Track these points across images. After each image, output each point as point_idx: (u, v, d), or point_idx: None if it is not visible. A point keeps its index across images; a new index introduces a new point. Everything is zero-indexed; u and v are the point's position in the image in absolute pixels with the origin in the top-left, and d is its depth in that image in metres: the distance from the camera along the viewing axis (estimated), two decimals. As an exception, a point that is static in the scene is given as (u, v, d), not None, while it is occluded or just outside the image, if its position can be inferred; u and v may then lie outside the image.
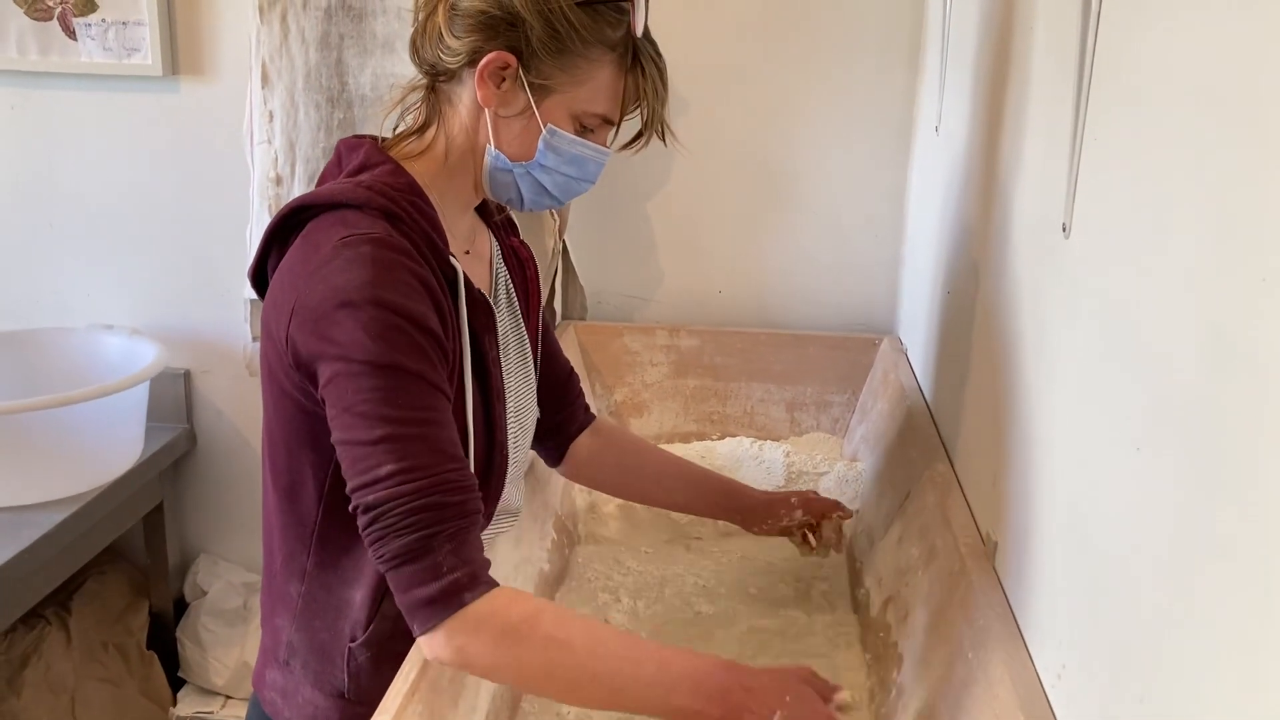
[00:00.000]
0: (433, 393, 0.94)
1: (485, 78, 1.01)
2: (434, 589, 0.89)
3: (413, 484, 0.90)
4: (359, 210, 0.98)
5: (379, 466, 0.90)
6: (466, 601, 0.90)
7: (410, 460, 0.90)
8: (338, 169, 1.07)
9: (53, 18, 1.98)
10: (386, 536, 0.90)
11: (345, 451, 0.92)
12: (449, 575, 0.90)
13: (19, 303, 2.15)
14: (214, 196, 2.05)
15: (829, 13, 1.86)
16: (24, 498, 1.79)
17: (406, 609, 0.91)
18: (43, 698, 1.98)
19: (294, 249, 0.99)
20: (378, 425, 0.90)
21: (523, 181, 1.06)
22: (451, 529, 0.91)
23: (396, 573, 0.90)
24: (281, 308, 0.97)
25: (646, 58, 1.04)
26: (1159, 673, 0.70)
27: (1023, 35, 1.13)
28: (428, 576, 0.89)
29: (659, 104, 1.06)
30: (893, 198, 1.92)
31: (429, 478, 0.90)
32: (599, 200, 1.96)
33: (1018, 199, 1.12)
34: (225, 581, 2.21)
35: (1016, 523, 1.05)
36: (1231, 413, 0.62)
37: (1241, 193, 0.61)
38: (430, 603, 0.89)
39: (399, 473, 0.90)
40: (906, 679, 1.12)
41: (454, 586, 0.90)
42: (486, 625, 0.90)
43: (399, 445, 0.90)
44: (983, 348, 1.24)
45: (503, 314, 1.15)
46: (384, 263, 0.94)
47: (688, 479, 1.40)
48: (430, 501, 0.90)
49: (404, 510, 0.89)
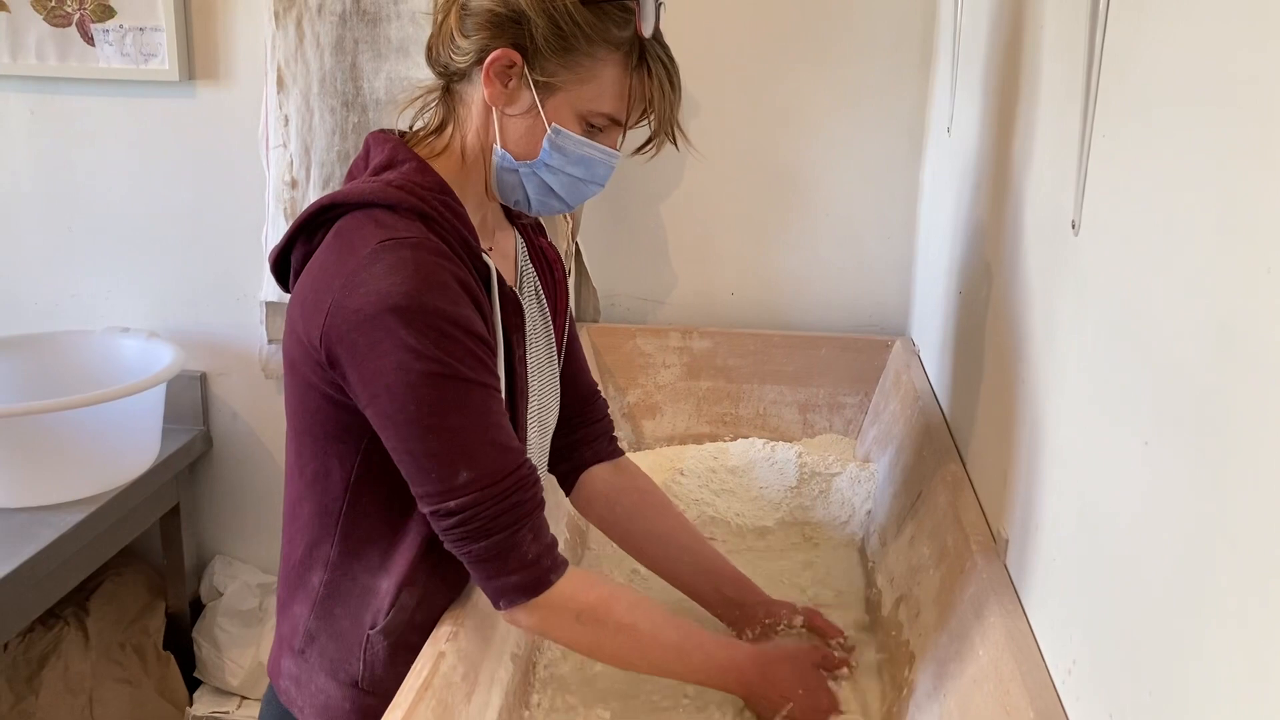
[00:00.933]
0: (490, 395, 0.98)
1: (491, 76, 1.01)
2: (523, 577, 1.00)
3: (492, 488, 0.97)
4: (392, 211, 0.98)
5: (454, 475, 0.96)
6: (551, 583, 1.01)
7: (484, 465, 0.97)
8: (364, 163, 1.08)
9: (71, 24, 2.00)
10: (473, 536, 0.97)
11: (413, 460, 0.97)
12: (535, 562, 1.00)
13: (38, 305, 2.17)
14: (230, 200, 2.07)
15: (841, 15, 1.87)
16: (42, 498, 1.80)
17: (496, 591, 1.01)
18: (61, 697, 2.00)
19: (326, 247, 1.00)
20: (446, 435, 0.95)
21: (528, 182, 1.06)
22: (532, 518, 1.00)
23: (486, 564, 0.99)
24: (315, 306, 0.97)
25: (654, 59, 1.04)
26: (1169, 668, 0.70)
27: (1032, 36, 1.14)
28: (516, 565, 0.99)
29: (667, 106, 1.06)
30: (905, 199, 1.93)
31: (505, 479, 0.97)
32: (612, 203, 1.97)
33: (1028, 198, 1.12)
34: (241, 582, 2.22)
35: (1027, 520, 1.05)
36: (1240, 408, 0.62)
37: (1249, 189, 0.62)
38: (521, 589, 1.00)
39: (477, 479, 0.96)
40: (918, 677, 1.13)
41: (540, 571, 1.01)
42: (568, 606, 1.03)
43: (470, 452, 0.96)
44: (994, 347, 1.25)
45: (530, 310, 1.16)
46: (426, 267, 0.95)
47: (696, 556, 1.30)
48: (510, 502, 0.98)
49: (489, 514, 0.97)
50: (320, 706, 1.10)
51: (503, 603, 1.02)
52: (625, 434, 1.90)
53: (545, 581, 1.01)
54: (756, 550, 1.56)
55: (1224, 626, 0.63)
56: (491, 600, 1.02)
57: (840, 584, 1.47)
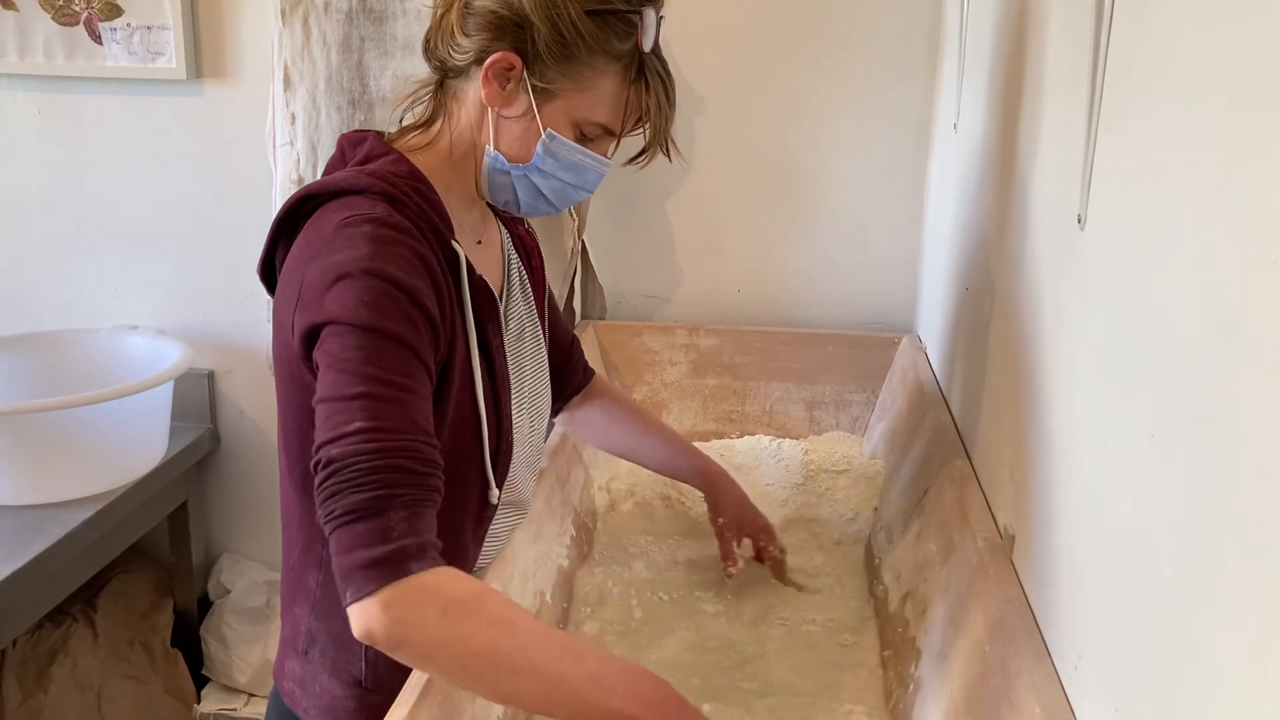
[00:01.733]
0: (417, 364, 0.93)
1: (490, 77, 1.02)
2: (379, 551, 0.84)
3: (379, 443, 0.86)
4: (361, 195, 0.99)
5: (349, 423, 0.87)
6: (412, 570, 0.84)
7: (382, 421, 0.87)
8: (341, 162, 1.08)
9: (79, 23, 2.01)
10: (342, 491, 0.85)
11: (321, 409, 0.89)
12: (398, 540, 0.85)
13: (46, 303, 2.18)
14: (237, 198, 2.07)
15: (847, 12, 1.87)
16: (50, 496, 1.81)
17: (344, 571, 0.85)
18: (69, 694, 2.01)
19: (299, 239, 1.01)
20: (357, 383, 0.88)
21: (519, 184, 1.07)
22: (408, 497, 0.87)
23: (343, 530, 0.85)
24: (289, 296, 0.98)
25: (653, 72, 1.05)
26: (1175, 663, 0.70)
27: (1038, 31, 1.13)
28: (375, 538, 0.84)
29: (662, 120, 1.07)
30: (912, 196, 1.92)
31: (397, 441, 0.87)
32: (618, 200, 1.98)
33: (1034, 193, 1.12)
34: (248, 580, 2.23)
35: (1033, 516, 1.05)
36: (1246, 401, 0.62)
37: (1255, 183, 0.61)
38: (373, 565, 0.84)
39: (368, 430, 0.86)
40: (924, 673, 1.12)
41: (401, 553, 0.84)
42: (431, 597, 0.85)
43: (374, 404, 0.88)
44: (1000, 343, 1.24)
45: (517, 302, 1.16)
46: (381, 239, 0.94)
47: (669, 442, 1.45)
48: (393, 463, 0.86)
49: (365, 467, 0.85)
50: (325, 707, 1.10)
51: (351, 590, 0.84)
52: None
53: (404, 567, 0.84)
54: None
55: (1231, 620, 0.62)
56: (341, 589, 0.86)
57: (846, 581, 1.47)
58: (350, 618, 0.85)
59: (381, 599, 0.83)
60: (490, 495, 1.07)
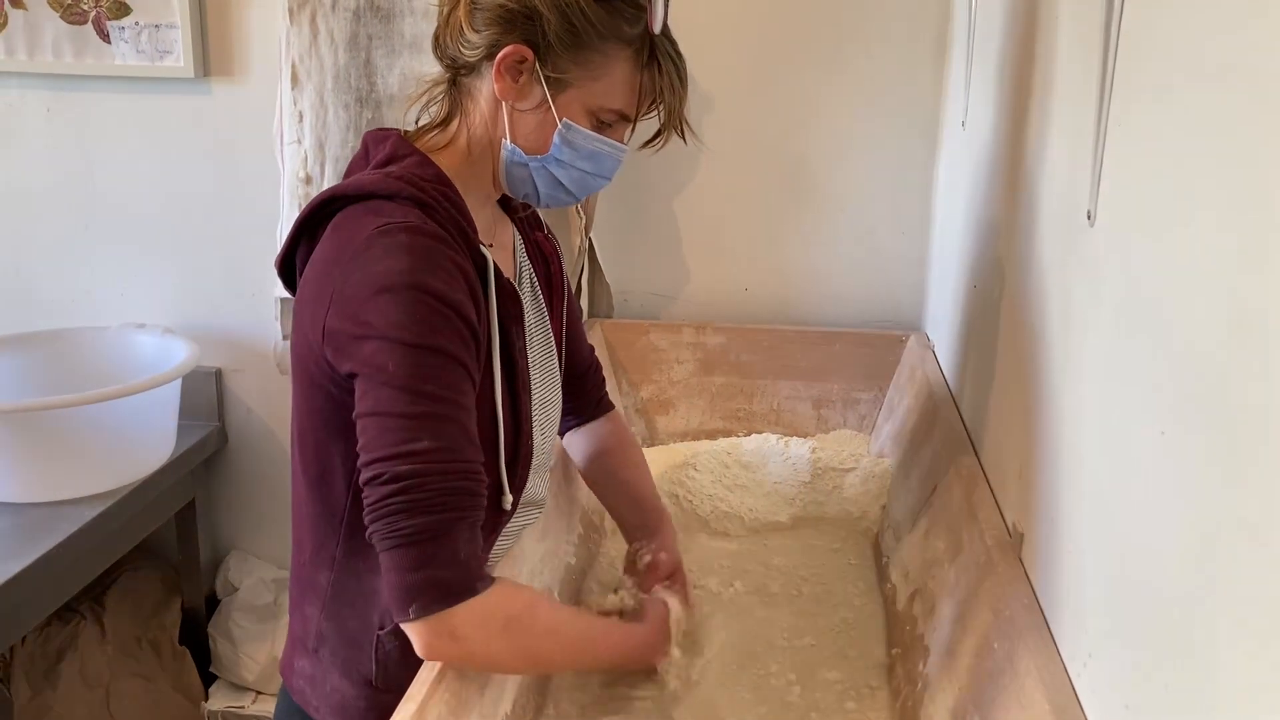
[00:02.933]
0: (467, 380, 0.95)
1: (502, 71, 1.02)
2: (450, 573, 0.89)
3: (450, 464, 0.90)
4: (390, 200, 0.98)
5: (416, 440, 0.89)
6: (478, 591, 0.91)
7: (448, 441, 0.90)
8: (364, 161, 1.08)
9: (87, 21, 2.01)
10: (412, 509, 0.88)
11: (376, 422, 0.91)
12: (466, 562, 0.90)
13: (54, 302, 2.19)
14: (245, 196, 2.07)
15: (855, 9, 1.86)
16: (58, 493, 1.81)
17: (410, 588, 0.89)
18: (78, 691, 2.01)
19: (326, 240, 1.00)
20: (418, 401, 0.90)
21: (538, 176, 1.07)
22: (474, 518, 0.91)
23: (411, 548, 0.88)
24: (318, 300, 0.97)
25: (664, 54, 1.04)
26: (1185, 660, 0.69)
27: (1047, 25, 1.13)
28: (447, 558, 0.89)
29: (676, 101, 1.07)
30: (920, 194, 1.92)
31: (463, 462, 0.91)
32: (625, 198, 1.97)
33: (1044, 189, 1.12)
34: (256, 578, 2.23)
35: (1042, 513, 1.04)
36: (1257, 396, 0.61)
37: (1266, 178, 0.61)
38: (443, 585, 0.89)
39: (438, 450, 0.89)
40: (933, 671, 1.12)
41: (469, 575, 0.90)
42: (495, 616, 0.93)
43: (438, 424, 0.90)
44: (1008, 340, 1.24)
45: (528, 306, 1.16)
46: (421, 249, 0.94)
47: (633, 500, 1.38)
48: (464, 486, 0.90)
49: (436, 489, 0.89)
50: (336, 705, 1.10)
51: (417, 607, 0.89)
52: (639, 430, 1.90)
53: (472, 588, 0.90)
54: (770, 546, 1.56)
55: (1242, 619, 0.62)
56: (400, 603, 0.90)
57: (854, 580, 1.47)
58: (414, 633, 0.91)
59: (453, 620, 0.90)
60: (504, 501, 1.07)
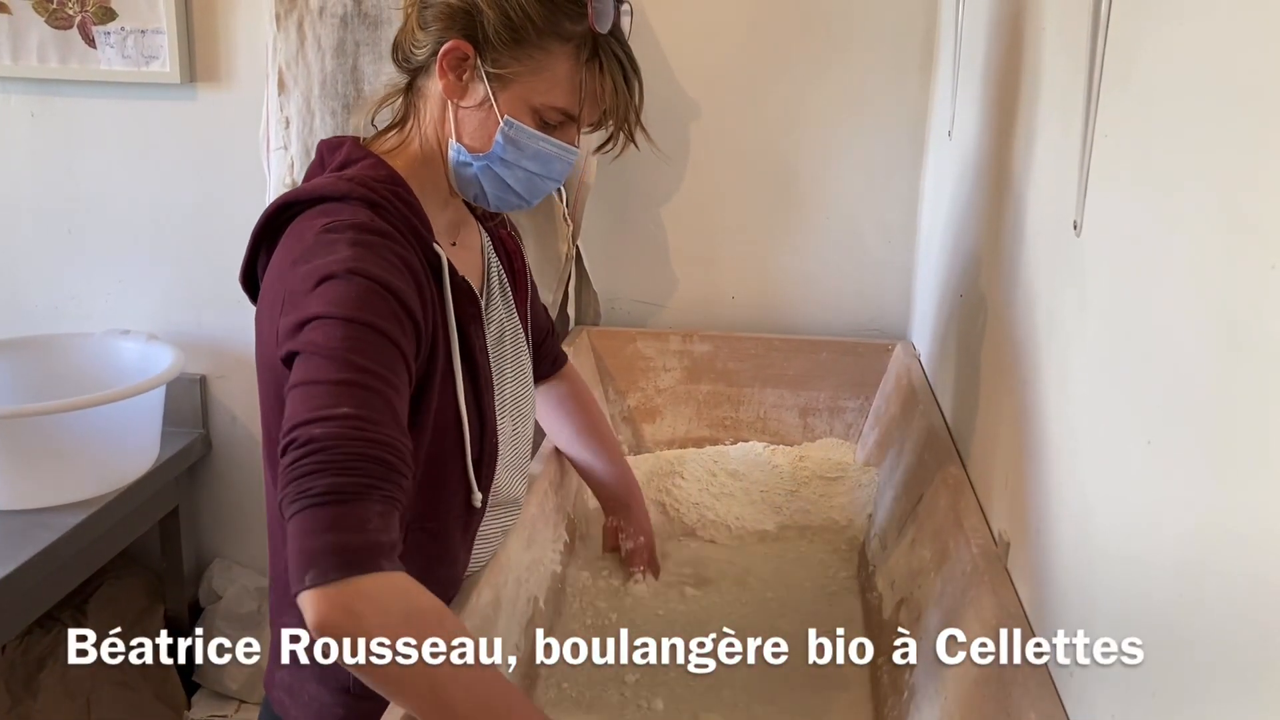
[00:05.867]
0: (400, 361, 0.91)
1: (446, 68, 1.02)
2: (356, 539, 0.79)
3: (367, 432, 0.83)
4: (341, 201, 0.98)
5: (335, 406, 0.83)
6: (384, 568, 0.80)
7: (370, 411, 0.85)
8: (320, 168, 1.08)
9: (73, 26, 2.00)
10: (322, 470, 0.81)
11: (301, 391, 0.85)
12: (374, 534, 0.80)
13: (37, 308, 2.17)
14: (231, 203, 2.07)
15: (842, 19, 1.87)
16: (40, 500, 1.80)
17: (310, 553, 0.79)
18: (59, 700, 2.00)
19: (280, 247, 1.00)
20: (344, 370, 0.86)
21: (483, 176, 1.06)
22: (388, 492, 0.83)
23: (317, 510, 0.80)
24: (273, 304, 0.97)
25: (608, 54, 1.03)
26: (1171, 669, 0.70)
27: (1033, 38, 1.13)
28: (351, 524, 0.80)
29: (621, 103, 1.05)
30: (906, 203, 1.93)
31: (383, 435, 0.85)
32: (612, 206, 1.97)
33: (1030, 200, 1.12)
34: (240, 586, 2.22)
35: (1028, 522, 1.04)
36: (1243, 406, 0.61)
37: (1252, 187, 0.61)
38: (347, 551, 0.79)
39: (356, 417, 0.83)
40: (919, 681, 1.12)
41: (377, 547, 0.80)
42: (397, 600, 0.81)
43: (361, 393, 0.85)
44: (995, 349, 1.24)
45: (496, 304, 1.16)
46: (364, 243, 0.94)
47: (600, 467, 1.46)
48: (379, 456, 0.83)
49: (353, 453, 0.82)
50: (314, 714, 1.10)
51: (315, 573, 0.78)
52: (625, 438, 1.90)
53: (377, 562, 0.79)
54: (756, 554, 1.56)
55: (1227, 626, 0.62)
56: (297, 569, 0.79)
57: (841, 588, 1.47)
58: (306, 604, 0.79)
59: (349, 591, 0.78)
60: (473, 499, 1.07)
